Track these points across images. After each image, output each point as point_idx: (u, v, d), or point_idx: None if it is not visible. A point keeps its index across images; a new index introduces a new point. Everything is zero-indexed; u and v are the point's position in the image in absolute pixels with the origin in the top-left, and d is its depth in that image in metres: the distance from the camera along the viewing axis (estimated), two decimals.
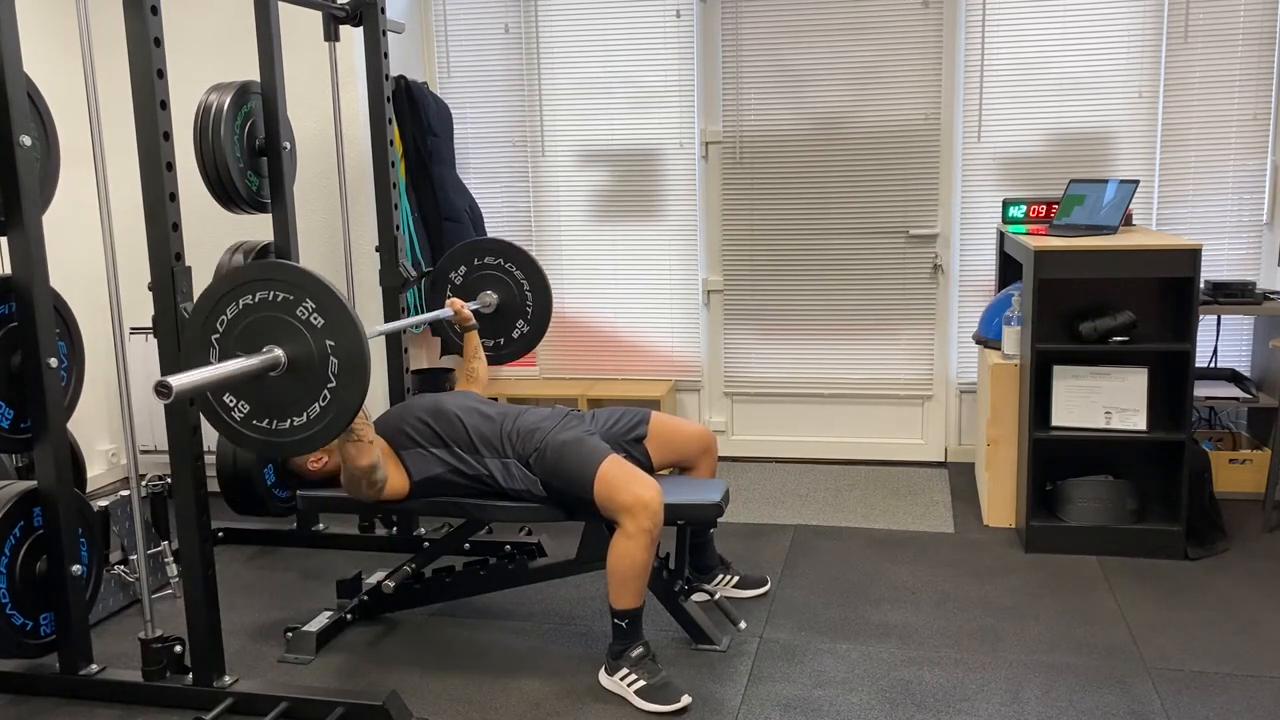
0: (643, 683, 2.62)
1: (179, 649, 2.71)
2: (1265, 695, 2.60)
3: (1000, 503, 3.79)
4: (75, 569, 2.66)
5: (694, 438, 3.09)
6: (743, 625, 3.00)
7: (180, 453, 2.56)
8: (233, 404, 2.30)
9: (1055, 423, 3.55)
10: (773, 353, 4.72)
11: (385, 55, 3.53)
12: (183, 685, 2.67)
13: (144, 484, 3.48)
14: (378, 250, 3.62)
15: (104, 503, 3.21)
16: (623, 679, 2.66)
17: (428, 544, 3.56)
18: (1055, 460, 3.65)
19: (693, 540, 3.12)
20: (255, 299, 2.25)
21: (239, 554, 3.77)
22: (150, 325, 2.51)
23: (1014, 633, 2.97)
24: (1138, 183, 3.65)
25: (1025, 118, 4.31)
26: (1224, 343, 4.22)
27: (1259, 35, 4.09)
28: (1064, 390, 3.54)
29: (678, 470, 3.13)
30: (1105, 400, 3.50)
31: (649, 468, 2.99)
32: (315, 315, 2.23)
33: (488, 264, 3.57)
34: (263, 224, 3.36)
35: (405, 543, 3.70)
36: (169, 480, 3.41)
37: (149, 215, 2.46)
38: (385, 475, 2.73)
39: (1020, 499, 3.69)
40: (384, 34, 3.51)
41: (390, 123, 3.60)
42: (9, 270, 2.52)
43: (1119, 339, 3.43)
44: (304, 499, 3.00)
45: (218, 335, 2.29)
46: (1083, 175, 4.23)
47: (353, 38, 3.95)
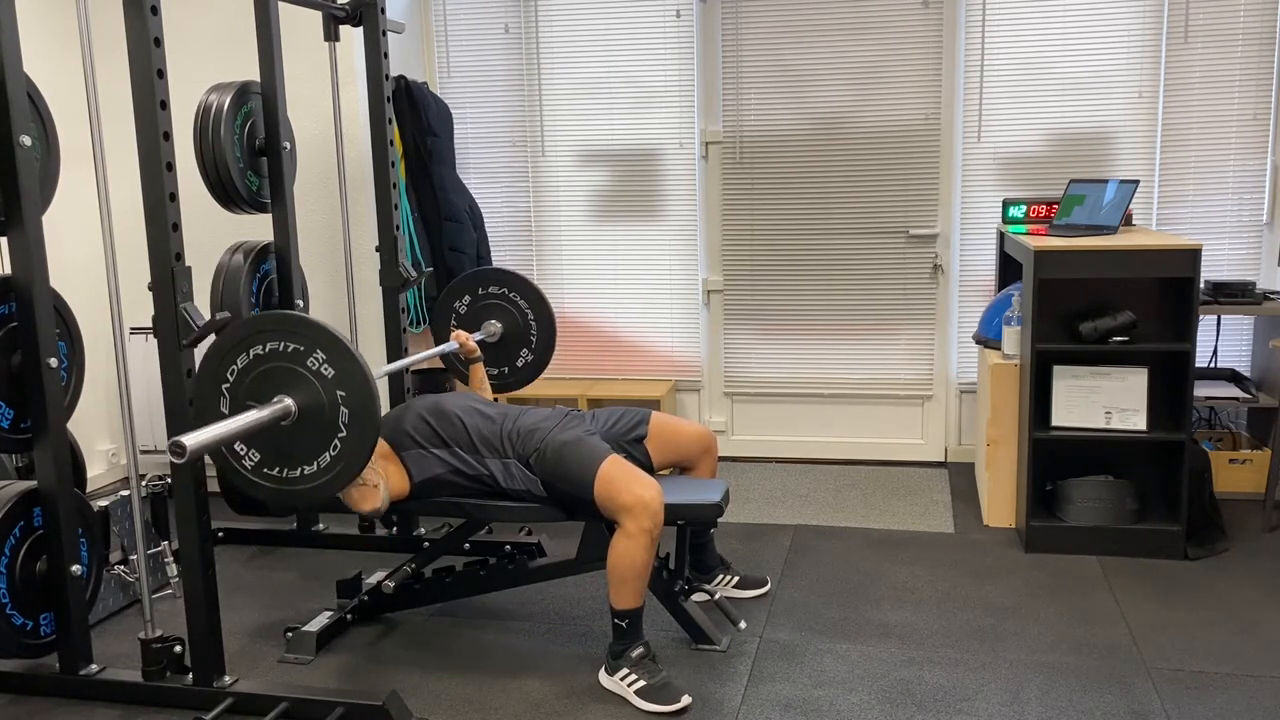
0: (643, 683, 2.63)
1: (179, 649, 2.71)
2: (1265, 695, 2.60)
3: (1000, 503, 3.79)
4: (75, 569, 2.66)
5: (694, 438, 3.09)
6: (743, 625, 3.00)
7: None
8: (243, 452, 2.34)
9: (1055, 423, 3.55)
10: (773, 353, 4.72)
11: (385, 55, 3.53)
12: (183, 685, 2.67)
13: (144, 484, 3.49)
14: (378, 250, 3.63)
15: (104, 503, 3.21)
16: (623, 679, 2.66)
17: (428, 544, 3.56)
18: (1055, 460, 3.66)
19: (693, 540, 3.12)
20: (266, 349, 2.30)
21: (239, 554, 3.77)
22: (150, 325, 2.51)
23: (1014, 633, 2.97)
24: (1138, 183, 3.65)
25: (1025, 118, 4.32)
26: (1224, 343, 4.22)
27: (1259, 35, 4.09)
28: (1064, 390, 3.54)
29: (678, 470, 3.13)
30: (1105, 400, 3.50)
31: (649, 468, 2.99)
32: (326, 365, 2.27)
33: (491, 293, 3.61)
34: (263, 224, 3.36)
35: (405, 543, 3.70)
36: (169, 480, 3.42)
37: (149, 215, 2.46)
38: (386, 503, 2.77)
39: (1020, 499, 3.69)
40: (384, 34, 3.51)
41: (390, 123, 3.60)
42: (9, 270, 2.52)
43: (1119, 339, 3.43)
44: None
45: (228, 384, 2.33)
46: (1083, 175, 4.23)
47: (353, 38, 3.95)
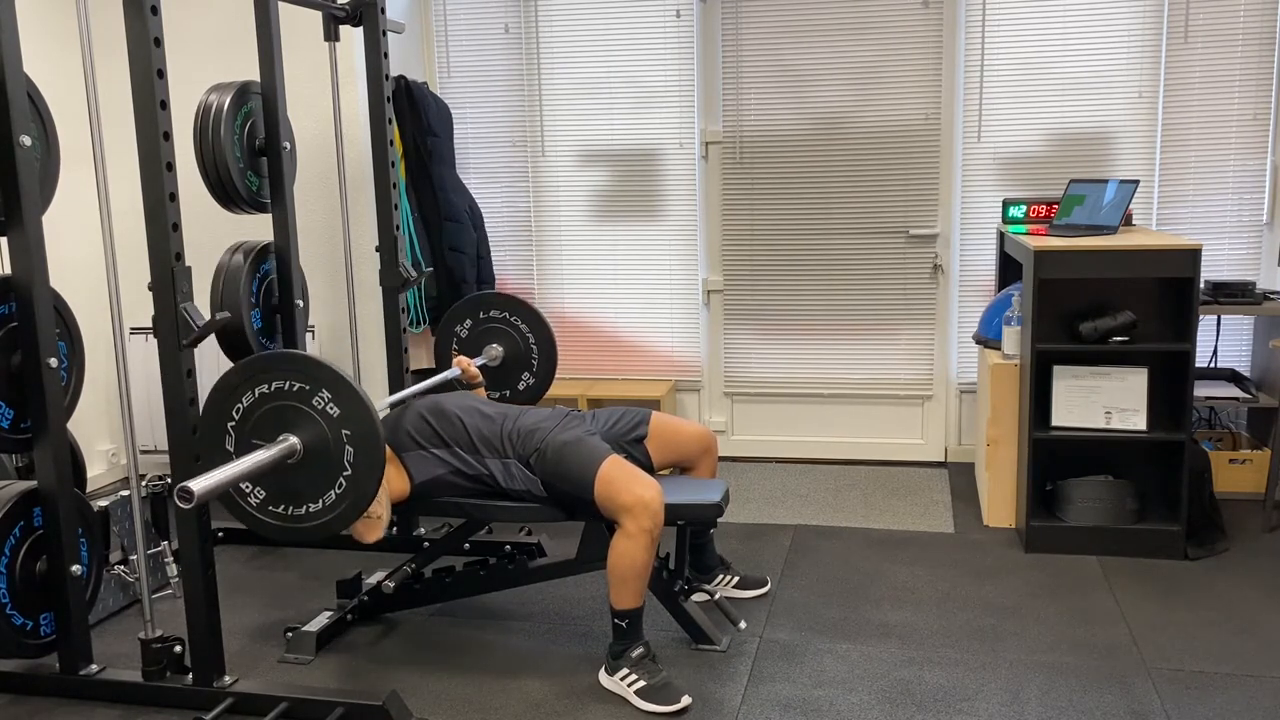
0: (643, 683, 2.62)
1: (179, 649, 2.71)
2: (1265, 695, 2.60)
3: (1000, 503, 3.79)
4: (75, 569, 2.66)
5: (694, 438, 3.09)
6: (743, 625, 3.00)
7: (180, 453, 2.56)
8: (249, 490, 2.35)
9: (1055, 423, 3.55)
10: (773, 353, 4.72)
11: (385, 55, 3.53)
12: (183, 685, 2.67)
13: (144, 484, 3.49)
14: (378, 250, 3.63)
15: (104, 503, 3.21)
16: (623, 679, 2.66)
17: (428, 544, 3.56)
18: (1055, 460, 3.66)
19: (693, 540, 3.12)
20: (271, 388, 2.30)
21: (239, 554, 3.77)
22: (150, 325, 2.51)
23: (1014, 633, 2.97)
24: (1138, 183, 3.65)
25: (1025, 118, 4.32)
26: (1224, 343, 4.22)
27: (1259, 35, 4.09)
28: (1064, 390, 3.54)
29: (678, 470, 3.13)
30: (1105, 400, 3.50)
31: (649, 468, 2.99)
32: (331, 405, 2.27)
33: (492, 317, 3.65)
34: (263, 224, 3.36)
35: (405, 543, 3.69)
36: (169, 480, 3.42)
37: (149, 215, 2.46)
38: (388, 522, 2.78)
39: (1020, 499, 3.69)
40: (384, 34, 3.51)
41: (390, 123, 3.60)
42: (9, 270, 2.52)
43: (1119, 339, 3.43)
44: None
45: (234, 423, 2.34)
46: (1083, 175, 4.23)
47: (353, 38, 3.95)
